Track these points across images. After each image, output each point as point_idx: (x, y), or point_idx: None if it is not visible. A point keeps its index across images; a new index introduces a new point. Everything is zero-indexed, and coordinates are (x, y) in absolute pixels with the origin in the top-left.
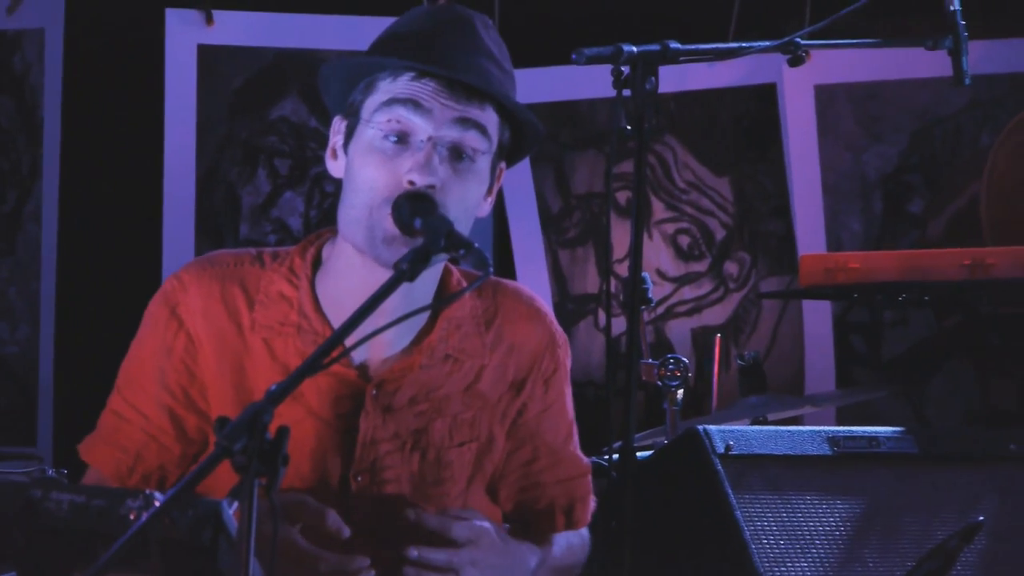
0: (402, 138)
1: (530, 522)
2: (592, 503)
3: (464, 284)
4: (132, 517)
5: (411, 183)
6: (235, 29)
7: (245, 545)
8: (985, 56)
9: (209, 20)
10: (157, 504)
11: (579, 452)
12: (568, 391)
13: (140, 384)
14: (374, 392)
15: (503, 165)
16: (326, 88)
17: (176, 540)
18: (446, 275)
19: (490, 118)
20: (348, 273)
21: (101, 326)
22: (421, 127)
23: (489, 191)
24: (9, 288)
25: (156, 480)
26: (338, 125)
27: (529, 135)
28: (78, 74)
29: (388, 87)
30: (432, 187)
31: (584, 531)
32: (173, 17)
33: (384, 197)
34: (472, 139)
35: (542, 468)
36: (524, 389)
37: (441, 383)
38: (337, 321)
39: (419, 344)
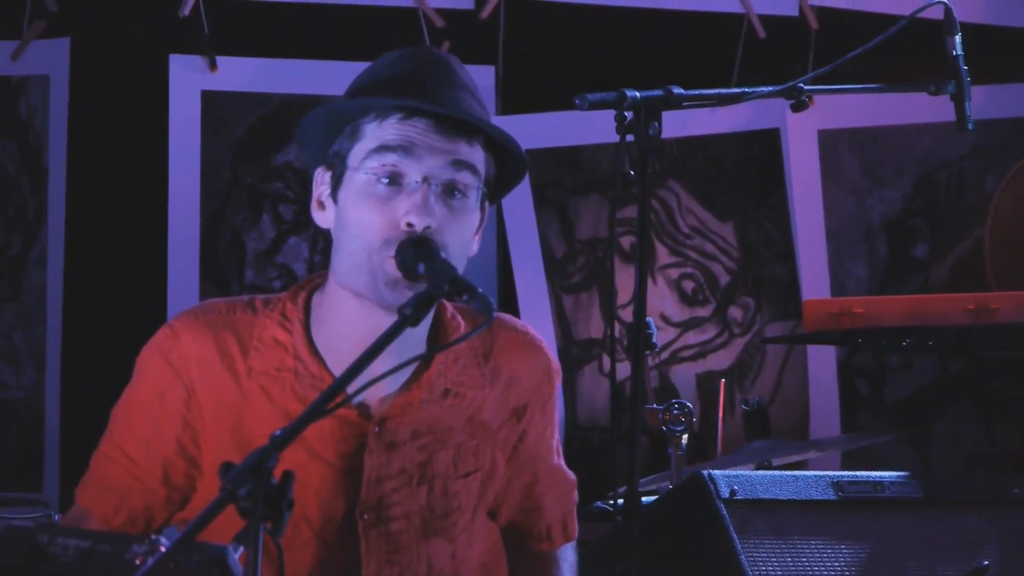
0: (394, 180)
1: (528, 539)
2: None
3: (458, 316)
4: (138, 562)
5: (409, 225)
6: (239, 75)
7: None
8: (988, 101)
9: (213, 66)
10: (163, 549)
11: (564, 465)
12: (557, 410)
13: (130, 429)
14: (376, 430)
15: (487, 204)
16: (305, 140)
17: None
18: (440, 310)
19: (478, 155)
20: (344, 318)
21: (107, 371)
22: (414, 168)
23: (478, 227)
24: (14, 333)
25: (143, 521)
26: (322, 176)
27: (513, 168)
28: (83, 120)
29: (376, 132)
30: (429, 228)
31: (574, 545)
32: (177, 63)
33: (383, 240)
34: (465, 177)
35: (543, 491)
36: (524, 417)
37: (442, 416)
38: (333, 364)
39: (418, 380)
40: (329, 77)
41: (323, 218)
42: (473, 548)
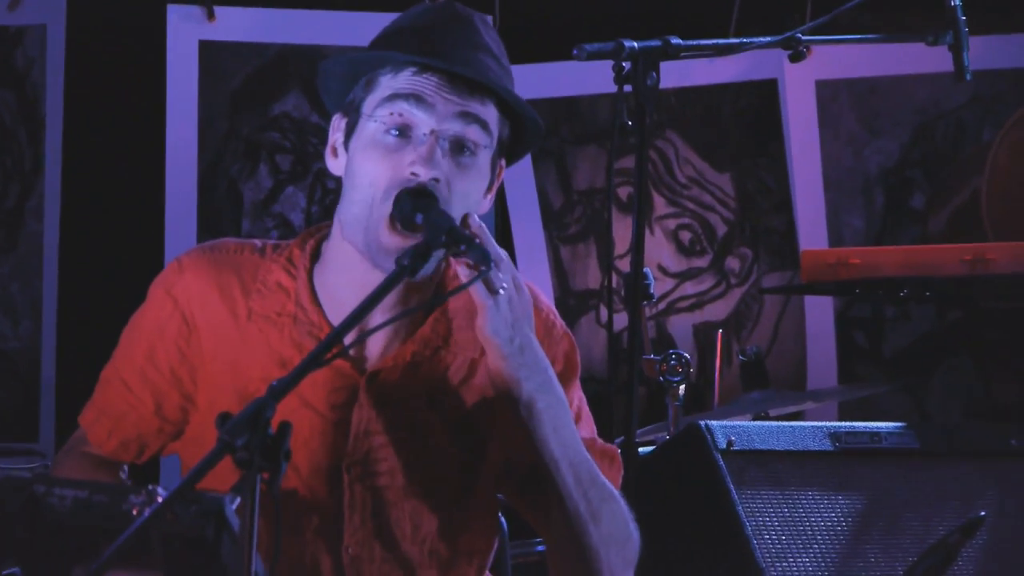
0: (404, 132)
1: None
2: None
3: (461, 277)
4: (135, 512)
5: (414, 175)
6: (237, 25)
7: (248, 540)
8: (986, 51)
9: (210, 16)
10: (160, 499)
11: (604, 445)
12: (572, 392)
13: (129, 356)
14: (367, 384)
15: (503, 163)
16: (325, 86)
17: (179, 535)
18: (444, 269)
19: (491, 113)
20: (346, 268)
21: (103, 321)
22: (423, 121)
23: (489, 188)
24: (11, 284)
25: (136, 448)
26: (338, 122)
27: (529, 131)
28: (80, 70)
29: (389, 82)
30: (435, 180)
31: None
32: (175, 13)
33: (385, 189)
34: (474, 133)
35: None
36: None
37: (434, 375)
38: (333, 314)
39: (412, 336)
40: (327, 27)
41: (335, 165)
42: (468, 526)
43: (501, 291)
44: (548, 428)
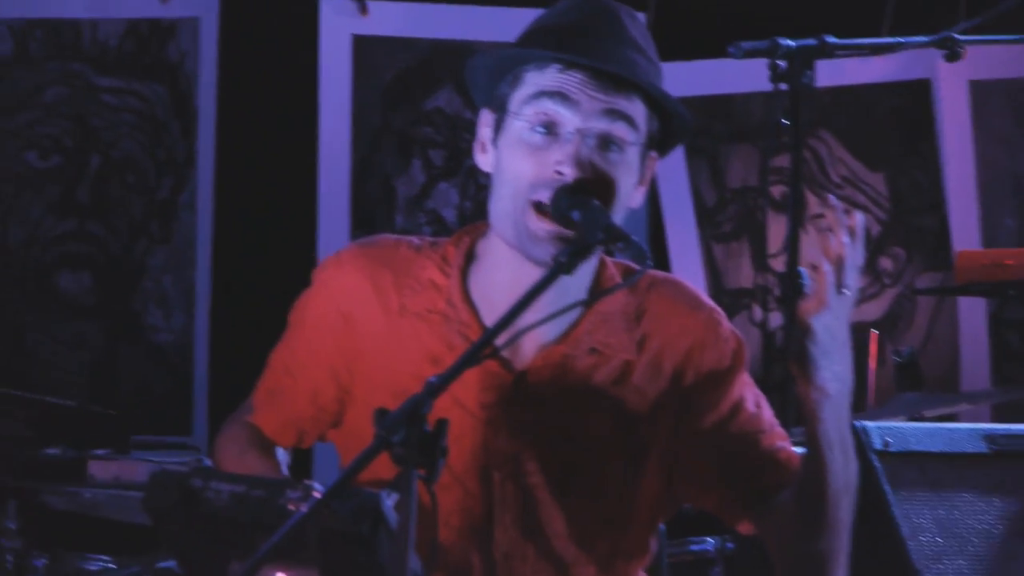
0: (550, 130)
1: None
2: None
3: (617, 277)
4: (292, 508)
5: (560, 174)
6: (390, 19)
7: (404, 537)
8: None
9: (364, 10)
10: (317, 495)
11: (781, 445)
12: (745, 388)
13: (289, 344)
14: (518, 383)
15: (654, 155)
16: (473, 81)
17: (335, 531)
18: (600, 267)
19: (637, 109)
20: (499, 267)
21: (256, 314)
22: (569, 119)
23: (640, 181)
24: (164, 276)
25: (294, 432)
26: (486, 118)
27: (678, 125)
28: (233, 63)
29: (535, 79)
30: (582, 178)
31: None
32: (328, 7)
33: (530, 185)
34: (620, 130)
35: (746, 469)
36: (684, 384)
37: (586, 376)
38: (485, 313)
39: (567, 336)
40: (480, 22)
41: (484, 161)
42: (625, 526)
43: (846, 292)
44: (833, 414)
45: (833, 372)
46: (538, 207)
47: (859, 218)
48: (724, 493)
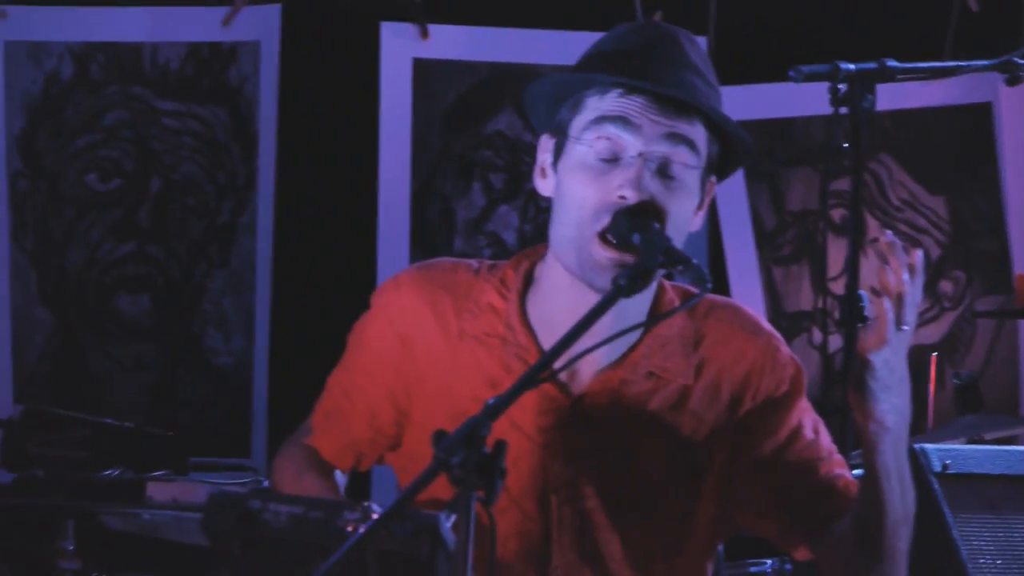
0: (612, 154)
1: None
2: None
3: (677, 302)
4: (350, 529)
5: (622, 197)
6: (450, 43)
7: (463, 559)
8: None
9: (424, 34)
10: (375, 516)
11: (839, 472)
12: (803, 415)
13: (347, 367)
14: (575, 407)
15: (713, 179)
16: (532, 107)
17: (393, 553)
18: (659, 291)
19: (698, 133)
20: (558, 291)
21: (315, 338)
22: (631, 143)
23: (700, 205)
24: (224, 299)
25: (352, 455)
26: (546, 143)
27: (738, 149)
28: (293, 87)
29: (596, 104)
30: (644, 202)
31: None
32: (388, 30)
33: (594, 211)
34: (681, 154)
35: (806, 496)
36: (742, 409)
37: (644, 400)
38: (543, 337)
39: (624, 360)
40: (540, 46)
41: (544, 186)
42: (682, 549)
43: (906, 328)
44: (892, 446)
45: (892, 404)
46: (603, 238)
47: (918, 255)
48: (781, 520)
